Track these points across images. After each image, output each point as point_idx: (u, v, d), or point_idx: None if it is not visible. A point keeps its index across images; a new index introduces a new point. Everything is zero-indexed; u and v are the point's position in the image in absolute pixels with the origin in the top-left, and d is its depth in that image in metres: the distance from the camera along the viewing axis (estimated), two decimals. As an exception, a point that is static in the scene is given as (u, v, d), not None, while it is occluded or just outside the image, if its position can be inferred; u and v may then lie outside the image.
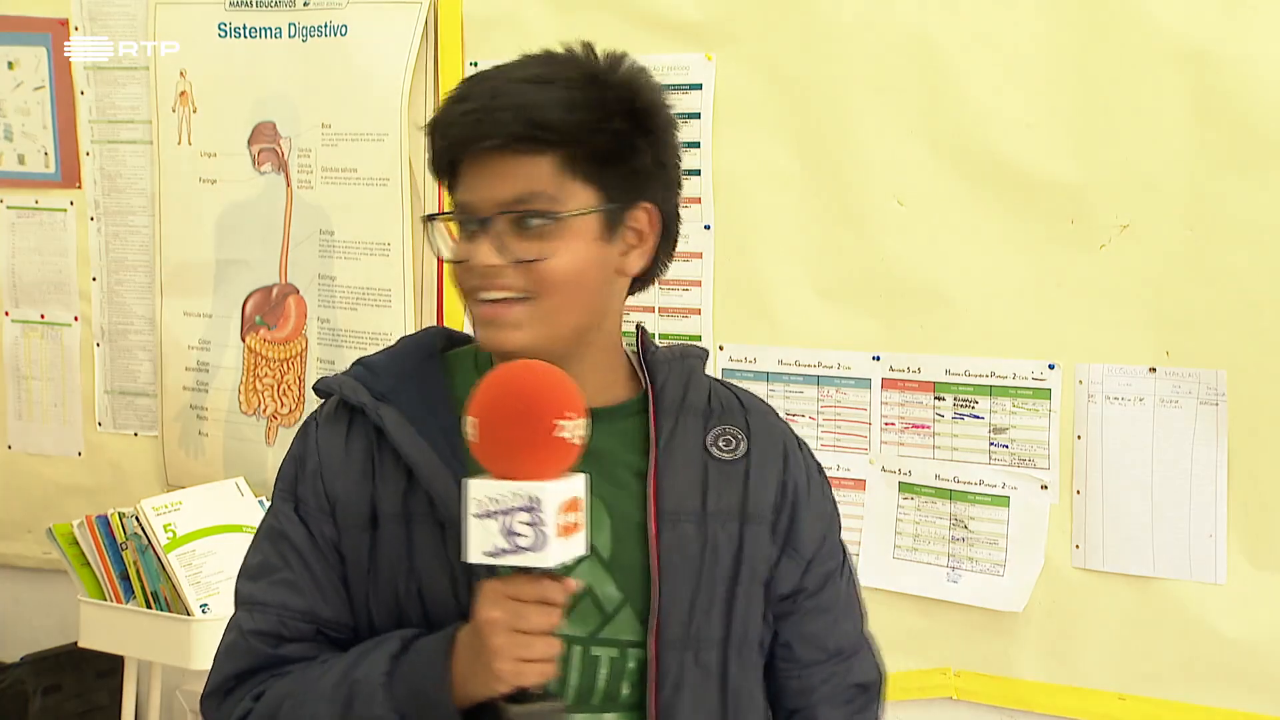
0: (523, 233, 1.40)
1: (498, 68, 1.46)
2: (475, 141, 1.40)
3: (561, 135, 1.39)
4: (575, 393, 1.33)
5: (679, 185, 1.52)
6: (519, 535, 1.31)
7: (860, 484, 2.64)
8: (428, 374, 1.49)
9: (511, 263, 1.40)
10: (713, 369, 2.63)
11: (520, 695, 1.35)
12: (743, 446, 1.52)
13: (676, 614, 1.46)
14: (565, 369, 1.41)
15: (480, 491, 1.32)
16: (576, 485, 1.33)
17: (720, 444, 1.52)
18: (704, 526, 1.48)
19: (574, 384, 1.34)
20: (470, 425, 1.32)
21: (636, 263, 1.47)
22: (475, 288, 1.42)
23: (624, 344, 1.56)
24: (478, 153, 1.41)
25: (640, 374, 1.54)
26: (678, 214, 1.52)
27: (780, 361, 2.66)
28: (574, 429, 1.31)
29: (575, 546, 1.33)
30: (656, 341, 1.62)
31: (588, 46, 1.49)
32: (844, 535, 1.63)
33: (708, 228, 2.75)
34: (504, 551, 1.32)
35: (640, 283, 1.53)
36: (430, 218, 1.49)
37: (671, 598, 1.45)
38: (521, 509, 1.31)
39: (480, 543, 1.32)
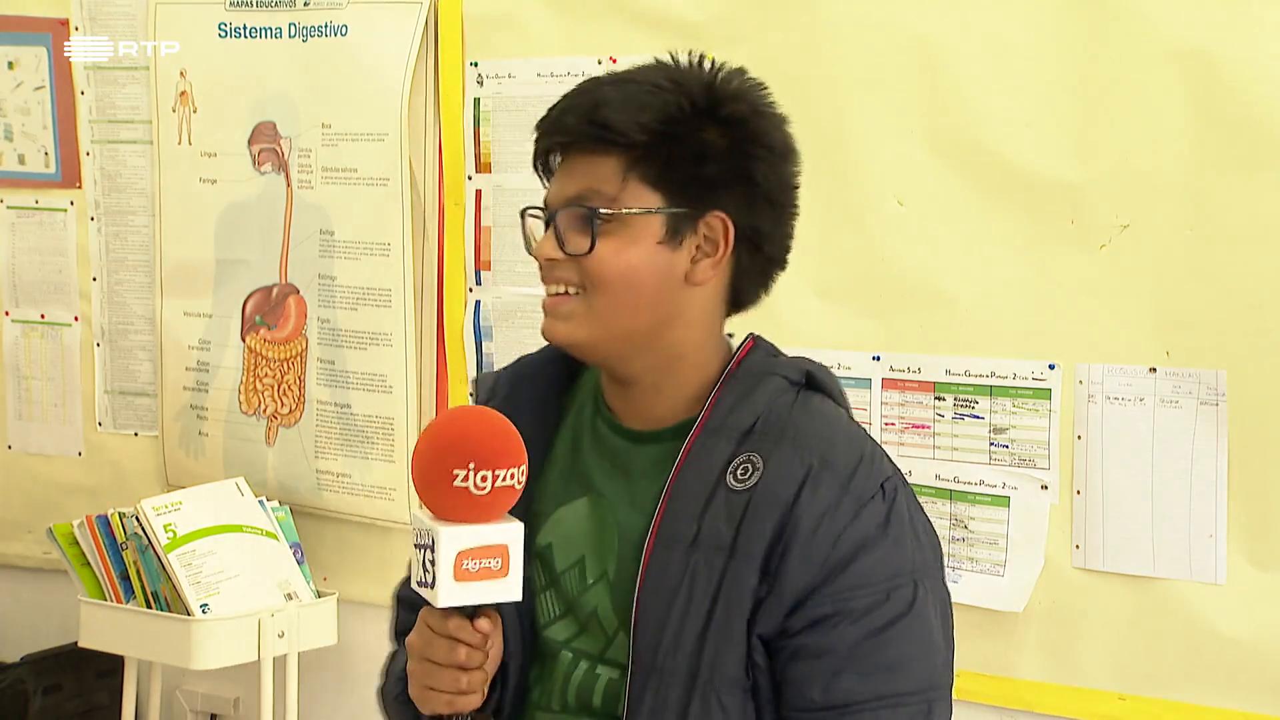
0: (581, 228, 1.43)
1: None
2: (549, 137, 1.46)
3: (624, 135, 1.41)
4: (494, 445, 1.34)
5: (776, 203, 1.49)
6: (426, 571, 1.35)
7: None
8: (535, 379, 1.55)
9: (567, 256, 1.44)
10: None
11: (442, 717, 1.40)
12: (754, 477, 1.43)
13: (647, 642, 1.44)
14: (626, 381, 1.49)
15: (415, 522, 1.37)
16: (496, 533, 1.34)
17: (738, 472, 1.43)
18: (689, 557, 1.43)
19: (504, 437, 1.36)
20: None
21: (707, 273, 1.46)
22: (542, 279, 1.48)
23: (720, 358, 1.53)
24: (562, 150, 1.47)
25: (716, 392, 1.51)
26: (775, 232, 1.50)
27: (780, 361, 2.66)
28: (478, 480, 1.32)
29: (487, 592, 1.34)
30: (760, 355, 1.54)
31: (703, 57, 1.50)
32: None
33: (708, 228, 2.74)
34: (420, 584, 1.36)
35: (736, 303, 1.52)
36: (522, 211, 1.54)
37: (643, 626, 1.44)
38: (429, 546, 1.34)
39: (414, 571, 1.37)
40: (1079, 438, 2.48)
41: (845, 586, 1.40)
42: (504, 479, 1.34)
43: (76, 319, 3.46)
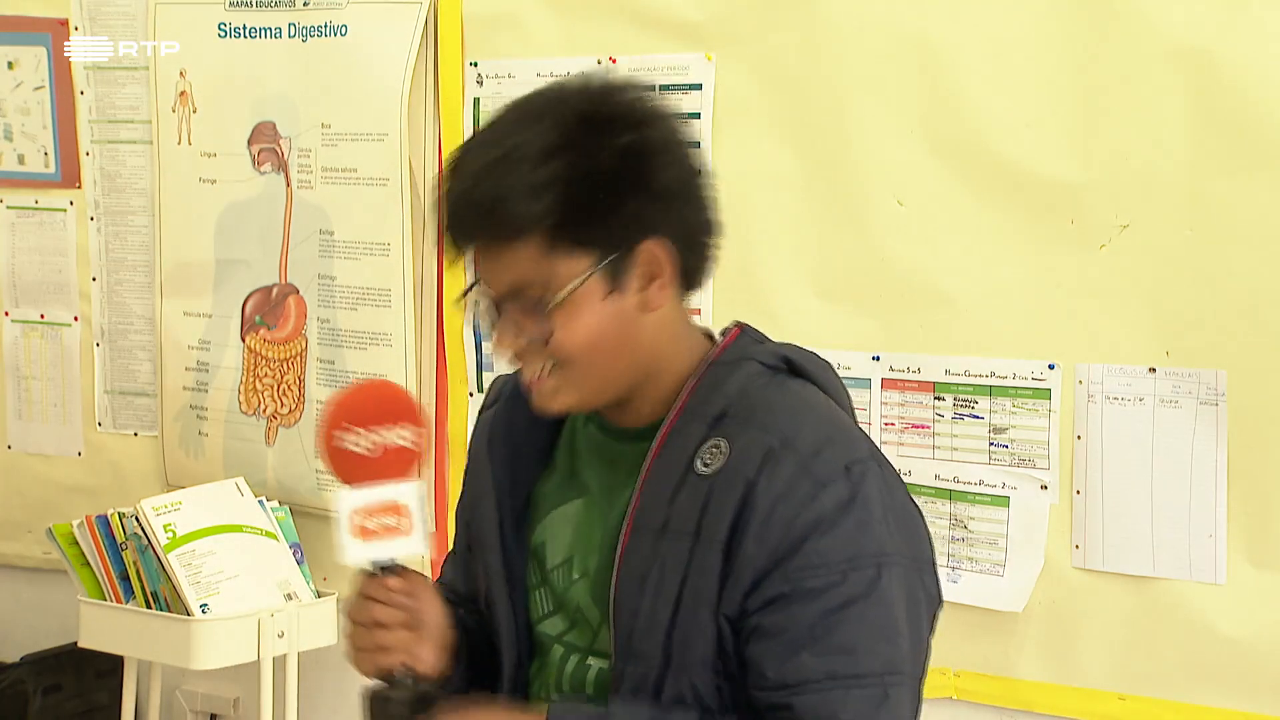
0: (530, 315, 1.43)
1: (483, 133, 1.48)
2: (460, 239, 1.45)
3: (532, 223, 1.39)
4: (376, 407, 1.45)
5: (688, 192, 1.48)
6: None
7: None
8: None
9: (527, 345, 1.45)
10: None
11: (384, 677, 1.47)
12: (719, 461, 1.43)
13: (623, 630, 1.45)
14: (629, 397, 1.50)
15: None
16: (392, 492, 1.44)
17: (705, 457, 1.44)
18: (658, 544, 1.44)
19: (388, 399, 1.46)
20: None
21: (660, 295, 1.46)
22: (512, 362, 1.50)
23: (696, 348, 1.54)
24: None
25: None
26: (699, 215, 1.49)
27: (780, 361, 2.65)
28: (357, 440, 1.44)
29: (388, 549, 1.45)
30: (744, 342, 1.56)
31: (572, 82, 1.49)
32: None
33: (708, 228, 2.74)
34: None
35: (690, 287, 1.52)
36: (463, 294, 1.55)
37: (620, 614, 1.46)
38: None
39: None
40: (1079, 438, 2.48)
41: (799, 566, 1.39)
42: (393, 438, 1.44)
43: (76, 319, 3.46)
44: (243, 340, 3.26)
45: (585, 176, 1.40)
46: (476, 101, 2.95)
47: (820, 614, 1.38)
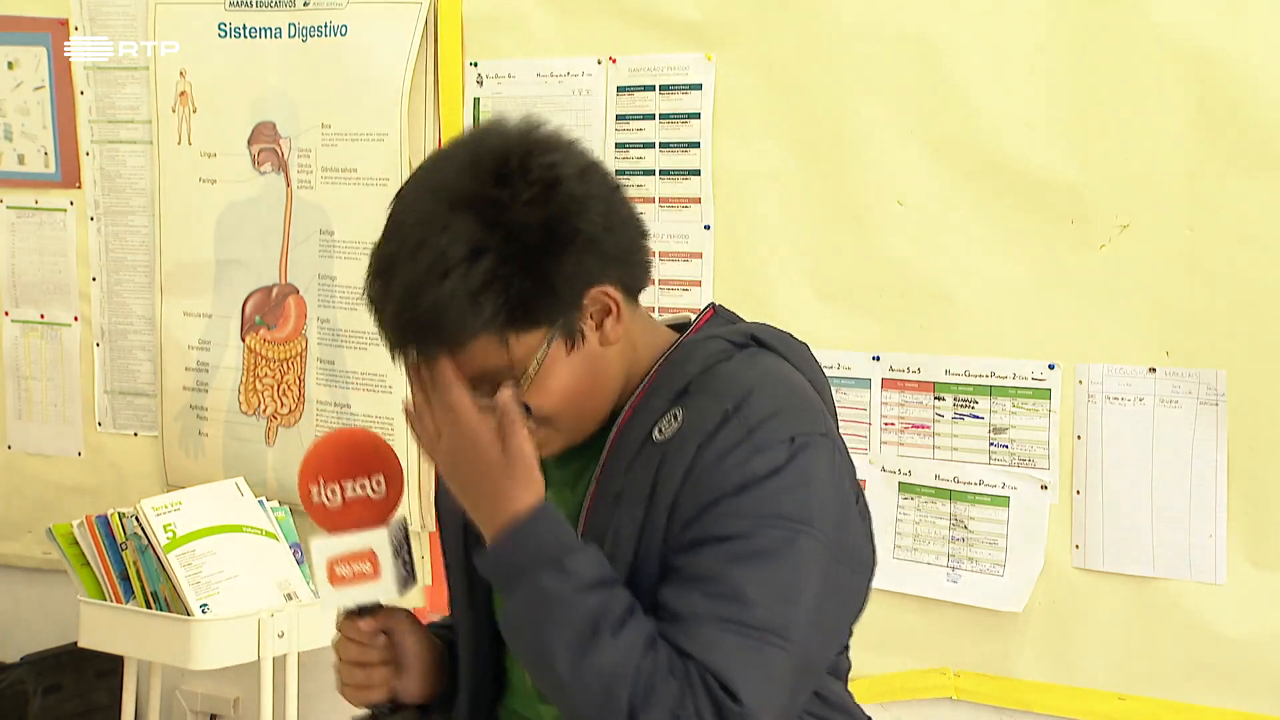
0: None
1: (398, 235, 1.43)
2: (410, 354, 1.44)
3: (481, 328, 1.40)
4: (337, 460, 1.52)
5: (612, 221, 1.45)
6: None
7: (860, 484, 2.63)
8: None
9: None
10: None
11: (370, 709, 1.59)
12: (673, 428, 1.45)
13: None
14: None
15: None
16: (360, 539, 1.50)
17: (662, 426, 1.46)
18: (614, 512, 1.46)
19: (349, 451, 1.53)
20: None
21: (616, 329, 1.47)
22: None
23: (659, 339, 1.56)
24: None
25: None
26: (623, 235, 1.47)
27: (780, 361, 2.65)
28: (327, 494, 1.51)
29: (361, 594, 1.51)
30: (715, 322, 1.58)
31: (461, 158, 1.44)
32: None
33: (708, 228, 2.74)
34: None
35: (638, 294, 1.52)
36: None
37: None
38: None
39: None
40: (1079, 438, 2.48)
41: (718, 515, 1.41)
42: (352, 490, 1.51)
43: (76, 319, 3.46)
44: (243, 340, 3.26)
45: (518, 263, 1.39)
46: (476, 101, 2.96)
47: (724, 558, 1.40)
